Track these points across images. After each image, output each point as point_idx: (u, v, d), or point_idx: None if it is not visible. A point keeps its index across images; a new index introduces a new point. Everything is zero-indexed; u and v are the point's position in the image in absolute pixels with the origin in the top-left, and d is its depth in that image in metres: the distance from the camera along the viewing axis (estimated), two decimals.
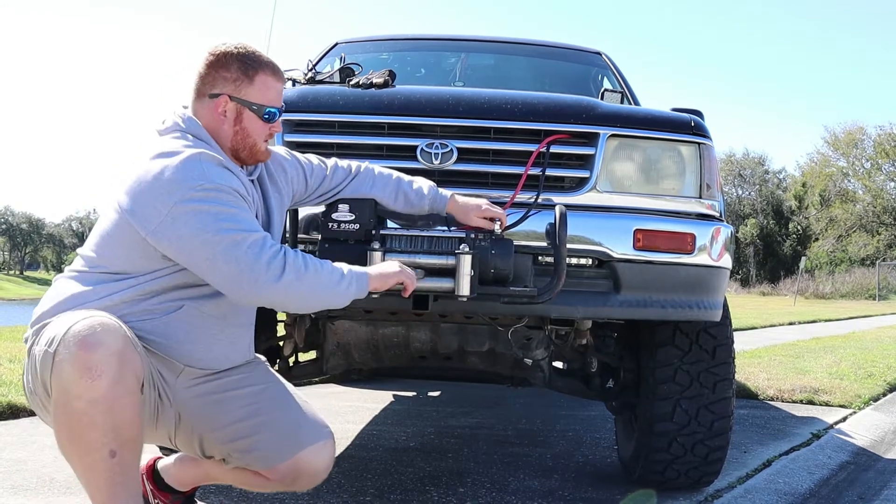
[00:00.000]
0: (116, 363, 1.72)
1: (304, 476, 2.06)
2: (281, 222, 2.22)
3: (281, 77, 2.09)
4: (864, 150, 42.66)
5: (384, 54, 4.34)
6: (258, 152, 2.08)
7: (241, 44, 2.05)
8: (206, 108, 2.03)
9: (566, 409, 4.83)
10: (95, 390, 1.69)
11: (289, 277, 1.87)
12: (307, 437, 2.06)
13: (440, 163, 2.52)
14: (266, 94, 2.04)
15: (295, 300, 1.92)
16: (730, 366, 2.89)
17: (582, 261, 2.50)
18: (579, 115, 2.60)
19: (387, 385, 5.54)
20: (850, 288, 31.49)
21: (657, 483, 3.04)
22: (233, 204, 1.88)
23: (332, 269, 1.96)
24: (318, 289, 1.93)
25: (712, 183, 2.66)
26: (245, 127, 2.03)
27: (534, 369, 3.03)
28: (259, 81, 2.03)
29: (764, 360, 7.42)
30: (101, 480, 1.75)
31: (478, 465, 3.40)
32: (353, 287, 1.97)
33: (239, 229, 1.85)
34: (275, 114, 2.07)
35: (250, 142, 2.05)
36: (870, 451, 4.09)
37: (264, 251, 1.86)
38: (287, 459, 2.02)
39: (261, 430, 2.03)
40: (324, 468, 2.08)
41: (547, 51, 4.51)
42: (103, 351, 1.71)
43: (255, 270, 1.84)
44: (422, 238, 2.30)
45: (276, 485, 2.08)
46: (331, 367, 3.13)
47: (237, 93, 2.02)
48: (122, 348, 1.74)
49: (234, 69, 2.02)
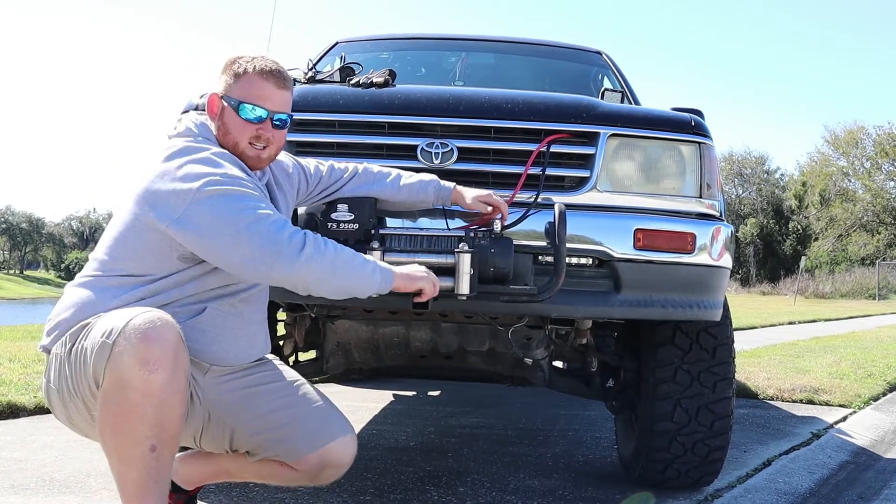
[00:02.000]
0: (172, 359, 1.76)
1: (330, 468, 2.10)
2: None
3: (274, 82, 2.07)
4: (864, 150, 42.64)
5: (384, 54, 4.33)
6: (241, 152, 2.06)
7: (251, 53, 2.11)
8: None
9: (566, 409, 4.83)
10: (151, 384, 1.74)
11: (310, 251, 1.88)
12: (337, 429, 2.11)
13: (440, 162, 2.52)
14: (248, 90, 2.05)
15: (316, 278, 1.92)
16: (730, 365, 2.89)
17: (582, 260, 2.50)
18: (579, 115, 2.60)
19: (387, 384, 5.54)
20: (850, 287, 31.48)
21: (657, 482, 3.04)
22: (249, 187, 1.93)
23: (356, 254, 1.99)
24: (340, 269, 1.94)
25: (712, 182, 2.66)
26: (225, 122, 2.06)
27: (534, 369, 3.04)
28: (245, 80, 2.06)
29: (764, 360, 7.42)
30: (137, 474, 1.77)
31: (478, 465, 3.40)
32: (377, 276, 1.99)
33: (260, 208, 1.89)
34: (258, 113, 2.05)
35: (231, 139, 2.06)
36: (870, 450, 4.09)
37: (286, 227, 1.89)
38: (316, 450, 2.07)
39: (293, 422, 2.08)
40: (349, 461, 2.13)
41: (547, 50, 4.51)
42: (163, 345, 1.76)
43: (278, 243, 1.86)
44: (421, 237, 2.30)
45: (300, 477, 2.11)
46: (331, 367, 3.13)
47: (225, 91, 2.07)
48: (177, 344, 1.79)
49: (229, 71, 2.08)
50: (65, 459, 3.21)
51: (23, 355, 5.52)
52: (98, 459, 3.15)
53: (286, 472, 2.11)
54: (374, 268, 1.99)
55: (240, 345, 2.09)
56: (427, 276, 2.09)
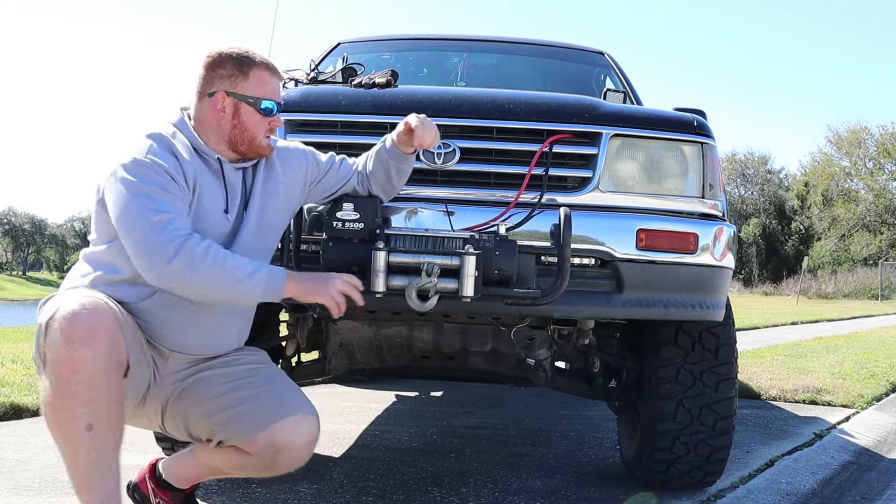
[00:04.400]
0: (99, 338, 1.84)
1: (284, 450, 2.06)
2: (269, 209, 2.22)
3: (277, 74, 2.17)
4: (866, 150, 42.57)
5: (386, 54, 4.33)
6: (258, 146, 2.14)
7: (237, 45, 2.13)
8: (206, 107, 2.12)
9: (569, 409, 4.83)
10: (76, 361, 1.82)
11: (179, 263, 1.90)
12: (287, 408, 2.09)
13: (443, 162, 2.52)
14: (262, 88, 2.12)
15: (185, 287, 1.95)
16: (732, 365, 2.89)
17: (585, 261, 2.50)
18: (582, 115, 2.60)
19: (389, 385, 5.54)
20: (853, 288, 31.44)
21: (660, 483, 3.04)
22: (156, 183, 1.96)
23: (238, 266, 1.97)
24: (211, 281, 1.94)
25: (715, 182, 2.66)
26: (243, 121, 2.11)
27: (536, 369, 3.03)
28: (254, 76, 2.11)
29: (766, 360, 7.42)
30: (79, 455, 1.84)
31: (480, 465, 3.40)
32: (259, 289, 1.98)
33: (151, 207, 1.92)
34: (272, 107, 2.13)
35: (248, 135, 2.12)
36: (872, 451, 4.08)
37: (164, 232, 1.91)
38: (264, 429, 2.04)
39: (243, 402, 2.09)
40: (302, 442, 2.08)
41: (549, 50, 4.51)
42: (90, 325, 1.84)
43: (150, 247, 1.91)
44: (426, 238, 2.31)
45: (255, 462, 2.08)
46: (333, 368, 3.13)
47: (233, 88, 2.10)
48: (108, 324, 1.86)
49: (230, 67, 2.10)
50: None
51: (25, 356, 5.53)
52: None
53: (243, 458, 2.09)
54: (258, 282, 1.97)
55: (197, 334, 2.12)
56: (328, 291, 2.04)
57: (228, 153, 2.15)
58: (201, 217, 2.07)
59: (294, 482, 3.02)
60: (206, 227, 2.07)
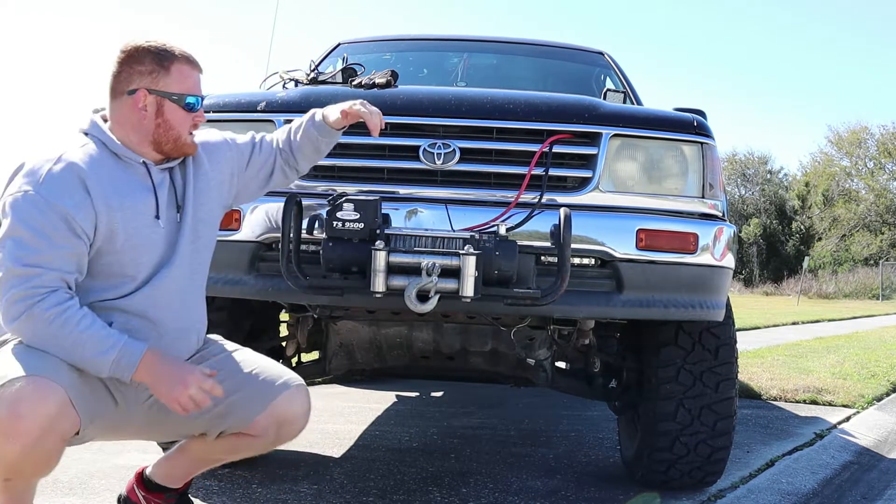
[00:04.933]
0: (38, 432, 1.75)
1: (285, 424, 2.10)
2: (204, 207, 2.14)
3: (197, 66, 2.06)
4: (867, 150, 42.54)
5: (386, 55, 4.34)
6: (183, 144, 2.05)
7: (153, 38, 2.01)
8: (125, 106, 2.00)
9: (569, 410, 4.83)
10: (9, 452, 1.75)
11: (21, 325, 1.83)
12: (278, 385, 2.11)
13: (443, 163, 2.52)
14: (184, 82, 2.01)
15: (37, 345, 1.86)
16: (733, 365, 2.89)
17: (585, 261, 2.50)
18: (582, 115, 2.60)
19: (389, 385, 5.54)
20: (854, 288, 31.41)
21: (660, 483, 3.04)
22: (39, 228, 1.83)
23: (88, 341, 1.86)
24: (54, 348, 1.85)
25: (715, 182, 2.66)
26: (167, 119, 2.00)
27: (536, 369, 3.03)
28: (175, 70, 2.00)
29: (767, 360, 7.41)
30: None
31: (480, 466, 3.40)
32: (104, 369, 1.88)
33: (20, 256, 1.82)
34: (195, 103, 2.03)
35: (174, 134, 2.02)
36: (873, 450, 4.08)
37: (20, 286, 1.82)
38: (264, 410, 2.07)
39: (234, 392, 2.07)
40: (301, 413, 2.13)
41: (549, 51, 4.51)
42: (29, 422, 1.74)
43: (2, 294, 1.83)
44: (426, 238, 2.31)
45: (262, 443, 2.11)
46: (334, 368, 3.13)
47: (155, 85, 1.98)
48: (51, 416, 1.77)
49: (149, 62, 1.98)
50: (69, 461, 3.20)
51: None
52: (101, 461, 3.16)
53: (248, 441, 2.11)
54: (105, 362, 1.87)
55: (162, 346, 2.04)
56: (175, 394, 1.91)
57: (153, 154, 2.03)
58: (130, 233, 1.96)
59: (294, 482, 3.02)
60: (138, 241, 1.98)
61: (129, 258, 1.98)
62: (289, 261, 2.34)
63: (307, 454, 3.52)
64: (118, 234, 1.95)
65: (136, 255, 1.99)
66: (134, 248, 1.97)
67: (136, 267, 1.99)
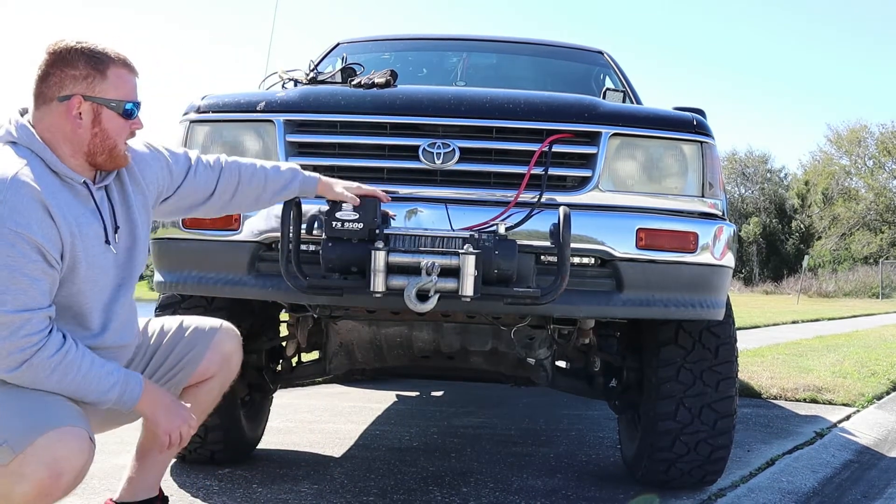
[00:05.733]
0: (74, 483, 1.74)
1: (230, 358, 2.27)
2: (145, 223, 2.07)
3: (134, 70, 1.92)
4: (866, 149, 42.52)
5: (386, 54, 4.34)
6: (118, 156, 1.90)
7: (83, 39, 1.85)
8: (55, 114, 1.83)
9: (569, 409, 4.83)
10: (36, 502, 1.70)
11: (23, 374, 1.76)
12: (211, 329, 2.25)
13: (442, 162, 2.52)
14: (122, 87, 1.87)
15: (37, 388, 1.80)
16: (733, 364, 2.89)
17: (585, 260, 2.50)
18: (581, 115, 2.60)
19: (390, 385, 5.54)
20: (854, 286, 31.41)
21: (661, 482, 3.04)
22: (15, 265, 1.71)
23: (91, 381, 1.83)
24: (59, 389, 1.81)
25: (715, 182, 2.66)
26: (105, 128, 1.86)
27: (537, 369, 3.04)
28: (113, 75, 1.85)
29: (767, 359, 7.41)
30: None
31: (481, 465, 3.40)
32: (106, 404, 1.88)
33: (2, 302, 1.71)
34: (133, 109, 1.90)
35: (110, 143, 1.87)
36: (873, 449, 4.08)
37: (13, 337, 1.72)
38: (208, 350, 2.21)
39: (171, 350, 2.19)
40: (238, 345, 2.30)
41: (548, 50, 4.51)
42: (67, 478, 1.71)
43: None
44: (426, 237, 2.31)
45: (217, 380, 2.25)
46: (334, 368, 3.13)
47: (91, 91, 1.83)
48: (86, 466, 1.77)
49: (83, 66, 1.82)
50: None
51: None
52: (101, 461, 3.15)
53: (205, 386, 2.24)
54: (108, 399, 1.87)
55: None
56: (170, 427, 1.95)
57: (85, 168, 1.88)
58: (91, 262, 1.86)
59: (295, 482, 3.02)
60: (96, 272, 1.89)
61: (88, 291, 1.89)
62: (288, 261, 2.34)
63: (307, 454, 3.52)
64: (80, 264, 1.84)
65: (94, 287, 1.90)
66: (93, 280, 1.89)
67: (92, 302, 1.91)
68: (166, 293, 2.90)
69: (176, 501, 2.71)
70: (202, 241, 2.57)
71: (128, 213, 2.01)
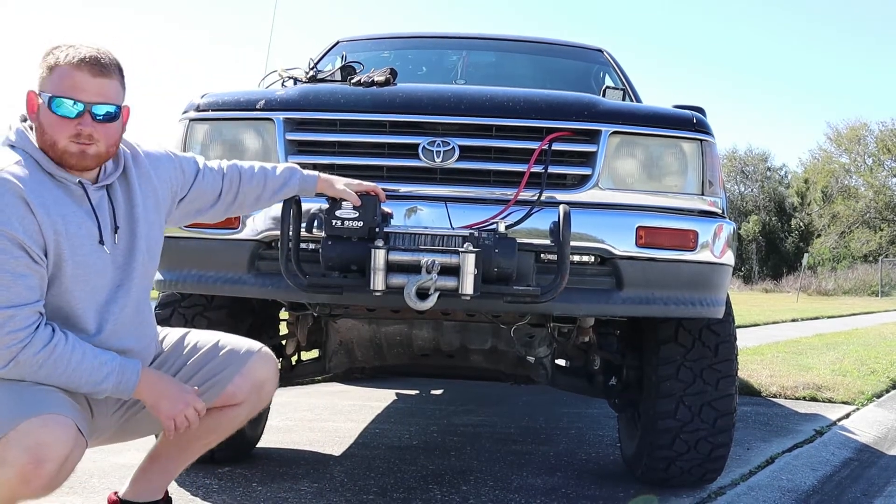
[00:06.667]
0: (57, 472, 1.73)
1: (263, 386, 2.16)
2: (154, 224, 2.07)
3: (94, 71, 1.83)
4: (866, 147, 42.52)
5: (385, 52, 4.33)
6: (63, 153, 1.83)
7: (74, 42, 1.86)
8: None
9: (569, 407, 4.83)
10: (23, 493, 1.71)
11: (13, 369, 1.76)
12: (246, 352, 2.16)
13: (442, 160, 2.52)
14: (60, 84, 1.82)
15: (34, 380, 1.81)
16: (732, 363, 2.89)
17: (584, 258, 2.50)
18: (581, 113, 2.60)
19: (389, 383, 5.54)
20: (853, 284, 31.41)
21: (660, 480, 3.04)
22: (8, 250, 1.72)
23: (84, 370, 1.82)
24: (54, 380, 1.81)
25: (714, 180, 2.66)
26: (41, 122, 1.83)
27: (536, 367, 3.04)
28: (57, 72, 1.82)
29: (767, 357, 7.42)
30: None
31: (481, 464, 3.40)
32: (104, 393, 1.88)
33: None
34: (60, 106, 1.81)
35: (48, 139, 1.82)
36: (873, 447, 4.08)
37: (7, 325, 1.72)
38: (239, 375, 2.10)
39: (201, 366, 2.11)
40: (274, 373, 2.20)
41: (548, 48, 4.51)
42: (49, 466, 1.71)
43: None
44: (425, 236, 2.30)
45: (245, 408, 2.15)
46: (333, 366, 3.13)
47: (38, 87, 1.84)
48: (70, 455, 1.74)
49: (42, 62, 1.85)
50: None
51: None
52: (101, 460, 3.15)
53: (231, 412, 2.14)
54: (104, 388, 1.86)
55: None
56: (173, 413, 1.93)
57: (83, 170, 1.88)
58: (78, 261, 1.85)
59: (294, 481, 3.02)
60: (86, 272, 1.87)
61: (77, 290, 1.87)
62: (288, 259, 2.34)
63: (307, 452, 3.52)
64: (66, 262, 1.83)
65: (84, 286, 1.88)
66: (83, 279, 1.87)
67: (83, 302, 1.89)
68: (166, 292, 2.89)
69: (176, 500, 2.70)
70: (202, 240, 2.57)
71: (131, 213, 1.99)
